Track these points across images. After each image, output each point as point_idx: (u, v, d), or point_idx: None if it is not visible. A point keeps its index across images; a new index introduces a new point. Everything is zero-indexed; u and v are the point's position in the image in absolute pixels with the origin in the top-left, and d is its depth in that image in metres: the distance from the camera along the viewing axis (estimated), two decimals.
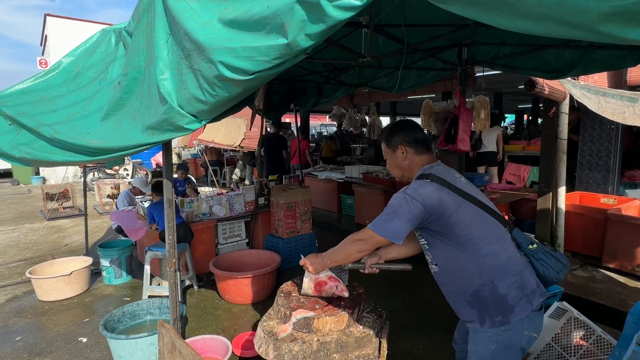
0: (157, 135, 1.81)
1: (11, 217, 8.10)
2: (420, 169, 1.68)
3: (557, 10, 0.65)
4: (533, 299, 1.53)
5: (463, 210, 1.53)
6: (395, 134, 1.76)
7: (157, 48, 1.71)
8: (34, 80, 2.50)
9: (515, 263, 1.56)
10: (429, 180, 1.56)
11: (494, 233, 1.57)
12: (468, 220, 1.53)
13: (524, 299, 1.51)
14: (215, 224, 4.69)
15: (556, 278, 1.61)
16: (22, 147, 2.37)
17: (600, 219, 4.26)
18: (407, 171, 1.76)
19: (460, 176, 1.68)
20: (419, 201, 1.50)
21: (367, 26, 2.59)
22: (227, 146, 9.76)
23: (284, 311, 1.99)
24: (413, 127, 1.76)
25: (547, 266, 1.59)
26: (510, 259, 1.55)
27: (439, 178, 1.56)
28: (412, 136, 1.73)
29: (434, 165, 1.68)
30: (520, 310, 1.50)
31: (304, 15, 1.11)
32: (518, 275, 1.53)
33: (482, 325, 1.56)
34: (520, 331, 1.52)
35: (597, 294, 3.58)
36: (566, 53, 3.21)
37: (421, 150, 1.73)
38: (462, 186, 1.60)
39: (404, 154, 1.73)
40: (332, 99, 5.35)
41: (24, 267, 4.71)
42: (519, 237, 1.65)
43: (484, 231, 1.55)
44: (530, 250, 1.62)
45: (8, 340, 3.23)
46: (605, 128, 5.24)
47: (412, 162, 1.73)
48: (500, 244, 1.56)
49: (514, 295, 1.51)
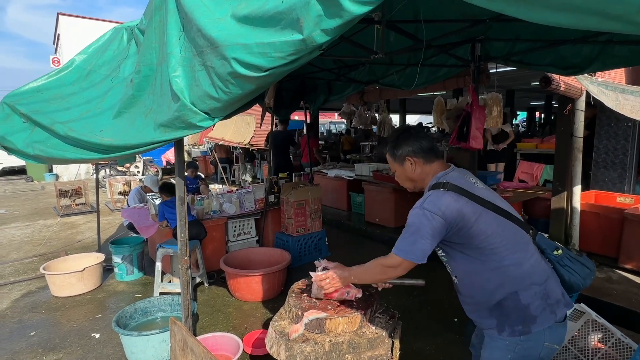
0: (169, 132, 1.80)
1: (25, 213, 8.24)
2: (434, 177, 1.60)
3: (593, 1, 0.62)
4: (557, 309, 1.47)
5: (483, 220, 1.45)
6: (400, 146, 1.66)
7: (170, 45, 1.69)
8: (47, 78, 2.52)
9: (539, 271, 1.49)
10: (445, 189, 1.48)
11: (517, 241, 1.50)
12: (489, 230, 1.46)
13: (548, 309, 1.45)
14: (225, 222, 4.70)
15: (583, 284, 1.55)
16: (36, 145, 2.39)
17: (617, 218, 4.16)
18: (418, 182, 1.68)
19: (476, 180, 1.61)
20: (439, 215, 1.42)
21: (380, 22, 2.55)
22: (237, 143, 9.79)
23: (295, 311, 1.97)
24: (418, 136, 1.66)
25: (573, 272, 1.53)
26: (534, 267, 1.48)
27: (455, 186, 1.48)
28: (419, 146, 1.63)
29: (448, 171, 1.60)
30: (543, 320, 1.44)
31: (320, 10, 1.08)
32: (542, 284, 1.47)
33: (500, 333, 1.50)
34: (540, 342, 1.46)
35: (613, 295, 3.50)
36: (583, 48, 3.13)
37: (431, 158, 1.64)
38: (480, 192, 1.52)
39: (413, 165, 1.64)
40: (342, 97, 5.31)
41: (38, 263, 4.78)
42: (544, 243, 1.57)
43: (506, 240, 1.48)
44: (555, 257, 1.55)
45: (23, 335, 3.28)
46: (622, 125, 5.12)
47: (423, 172, 1.65)
48: (524, 252, 1.49)
49: (537, 305, 1.44)
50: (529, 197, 4.90)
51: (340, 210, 7.19)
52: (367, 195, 6.32)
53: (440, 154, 1.70)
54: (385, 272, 1.60)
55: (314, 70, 4.61)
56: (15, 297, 4.06)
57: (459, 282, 1.61)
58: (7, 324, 3.49)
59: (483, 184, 1.63)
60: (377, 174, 6.17)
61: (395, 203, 5.79)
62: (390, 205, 5.84)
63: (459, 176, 1.57)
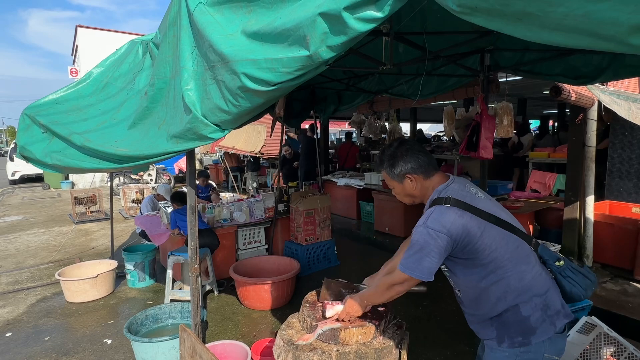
0: (181, 143, 1.86)
1: (42, 220, 8.44)
2: (435, 191, 1.56)
3: (585, 22, 0.64)
4: (557, 320, 1.46)
5: (488, 234, 1.44)
6: (398, 164, 1.60)
7: (183, 59, 1.76)
8: (66, 90, 2.61)
9: (541, 283, 1.48)
10: (448, 205, 1.44)
11: (520, 253, 1.49)
12: (494, 244, 1.44)
13: (547, 321, 1.45)
14: (235, 230, 4.75)
15: (584, 295, 1.54)
16: (54, 155, 2.47)
17: (632, 229, 4.08)
18: (418, 197, 1.66)
19: (477, 190, 1.59)
20: (444, 233, 1.40)
21: (388, 34, 2.59)
22: (248, 152, 9.90)
23: (309, 321, 1.98)
24: (414, 151, 1.60)
25: (574, 283, 1.52)
26: (535, 279, 1.48)
27: (457, 201, 1.45)
28: (418, 162, 1.58)
29: (449, 184, 1.56)
30: (542, 332, 1.44)
31: (326, 27, 1.12)
32: (543, 295, 1.47)
33: (500, 344, 1.49)
34: (540, 353, 1.45)
35: (628, 308, 3.42)
36: (594, 58, 3.11)
37: (430, 172, 1.60)
38: (482, 205, 1.49)
39: (414, 182, 1.60)
40: (352, 106, 5.36)
41: (54, 269, 4.89)
42: (545, 254, 1.57)
43: (510, 253, 1.47)
44: (557, 268, 1.54)
45: (38, 340, 3.36)
46: (636, 135, 5.04)
47: (423, 187, 1.61)
48: (526, 264, 1.49)
49: (537, 316, 1.44)
50: (541, 207, 4.84)
51: (350, 219, 7.19)
52: (376, 204, 6.31)
53: (438, 166, 1.67)
54: (394, 289, 1.58)
55: (324, 80, 4.67)
56: (31, 302, 4.15)
57: (462, 296, 1.61)
58: (23, 328, 3.58)
59: (484, 193, 1.61)
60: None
61: (404, 212, 5.78)
62: (399, 215, 5.82)
63: (460, 188, 1.54)
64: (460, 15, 0.87)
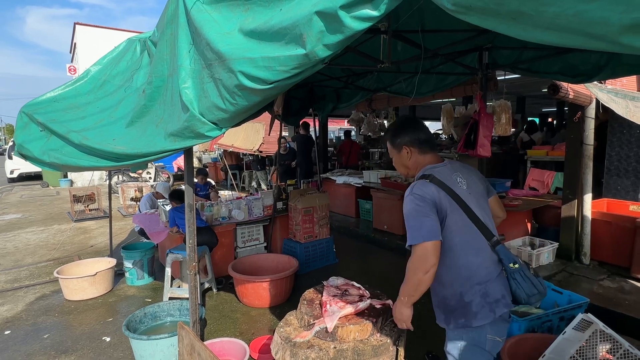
0: (179, 141, 1.86)
1: (41, 218, 8.43)
2: (423, 169, 1.74)
3: (577, 22, 0.65)
4: (496, 308, 1.60)
5: (453, 216, 1.60)
6: (399, 135, 1.80)
7: (180, 57, 1.76)
8: (64, 88, 2.61)
9: (484, 273, 1.63)
10: (428, 181, 1.64)
11: (473, 245, 1.64)
12: (455, 227, 1.60)
13: (487, 307, 1.60)
14: (234, 228, 4.76)
15: (525, 301, 1.64)
16: (51, 153, 2.47)
17: (630, 227, 4.10)
18: (412, 170, 1.82)
19: (462, 180, 1.70)
20: (428, 197, 1.58)
21: (386, 32, 2.59)
22: (246, 150, 9.89)
23: (307, 319, 2.00)
24: (417, 128, 1.79)
25: (519, 287, 1.63)
26: (479, 269, 1.62)
27: (438, 180, 1.63)
28: (416, 137, 1.77)
29: (438, 165, 1.73)
30: (482, 317, 1.60)
31: (322, 26, 1.13)
32: (483, 284, 1.62)
33: (447, 325, 1.70)
34: (483, 335, 1.62)
35: (625, 306, 3.44)
36: (592, 56, 3.12)
37: (425, 150, 1.78)
38: (461, 192, 1.64)
39: (409, 154, 1.79)
40: (351, 104, 5.35)
41: (52, 267, 4.89)
42: (503, 254, 1.66)
43: (465, 241, 1.62)
44: (510, 269, 1.64)
45: (37, 338, 3.36)
46: (634, 133, 5.05)
47: (416, 161, 1.79)
48: (475, 257, 1.63)
49: (477, 302, 1.60)
50: (538, 205, 4.85)
51: (349, 217, 7.20)
52: (375, 202, 6.32)
53: (436, 147, 1.83)
54: (420, 267, 1.55)
55: (323, 78, 4.67)
56: (29, 300, 4.16)
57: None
58: (22, 326, 3.58)
59: (470, 187, 1.72)
60: (386, 181, 6.18)
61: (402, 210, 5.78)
62: (398, 213, 5.83)
63: (448, 172, 1.70)
64: (455, 14, 0.88)
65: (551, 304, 3.24)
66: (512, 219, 4.72)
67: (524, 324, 2.81)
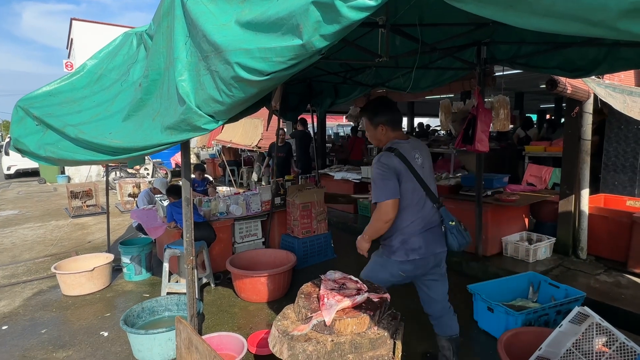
0: (175, 135, 1.85)
1: (38, 214, 8.41)
2: (390, 142, 2.22)
3: (575, 8, 0.64)
4: (410, 254, 2.19)
5: (406, 183, 2.13)
6: (378, 114, 2.25)
7: (176, 50, 1.75)
8: (60, 82, 2.59)
9: (412, 229, 2.18)
10: (393, 153, 2.13)
11: (416, 207, 2.18)
12: (407, 194, 2.14)
13: (402, 250, 2.20)
14: (232, 223, 4.75)
15: (457, 248, 2.22)
16: (47, 147, 2.46)
17: (626, 222, 4.11)
18: (383, 142, 2.29)
19: (419, 157, 2.22)
20: (391, 165, 2.10)
21: (384, 26, 2.58)
22: (245, 146, 9.87)
23: (305, 312, 1.99)
24: (392, 109, 2.27)
25: (454, 239, 2.20)
26: (409, 226, 2.17)
27: (400, 154, 2.13)
28: (391, 117, 2.25)
29: (403, 142, 2.21)
30: (398, 255, 2.21)
31: (319, 16, 1.12)
32: (407, 235, 2.18)
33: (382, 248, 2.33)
34: (395, 265, 2.23)
35: (621, 300, 3.46)
36: (590, 51, 3.12)
37: (396, 127, 2.28)
38: (415, 166, 2.17)
39: (384, 130, 2.26)
40: (349, 99, 5.35)
41: (50, 263, 4.88)
42: (444, 215, 2.23)
43: (409, 205, 2.16)
44: (449, 225, 2.21)
45: (34, 333, 3.36)
46: (632, 128, 5.06)
47: (388, 136, 2.27)
48: (412, 216, 2.17)
49: (398, 246, 2.20)
50: (536, 200, 4.86)
51: (347, 213, 7.20)
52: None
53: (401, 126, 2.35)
54: (381, 218, 2.12)
55: (321, 73, 4.65)
56: (27, 295, 4.15)
57: None
58: (19, 321, 3.58)
59: (422, 162, 2.24)
60: None
61: None
62: None
63: (409, 148, 2.20)
64: (452, 3, 0.87)
65: (548, 298, 3.26)
66: (509, 214, 4.73)
67: (520, 317, 2.83)
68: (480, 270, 4.31)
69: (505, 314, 2.91)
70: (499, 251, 4.63)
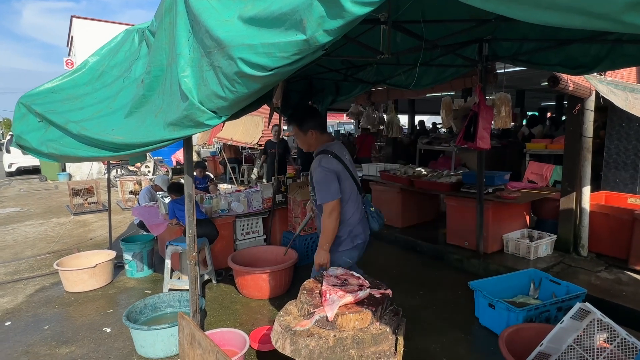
0: (178, 131, 1.86)
1: (40, 211, 8.43)
2: (322, 145, 2.45)
3: (579, 1, 0.64)
4: (355, 240, 2.45)
5: (345, 183, 2.37)
6: (306, 121, 2.45)
7: (179, 46, 1.75)
8: (62, 79, 2.59)
9: (355, 219, 2.44)
10: (330, 156, 2.36)
11: (355, 202, 2.45)
12: (347, 190, 2.39)
13: (349, 240, 2.44)
14: (233, 220, 4.76)
15: (376, 229, 2.55)
16: (50, 143, 2.46)
17: (627, 219, 4.11)
18: (313, 146, 2.50)
19: (346, 154, 2.47)
20: (332, 169, 2.32)
21: (386, 22, 2.58)
22: (245, 144, 9.87)
23: (307, 308, 2.00)
24: (318, 114, 2.53)
25: (374, 221, 2.53)
26: (353, 216, 2.44)
27: (336, 155, 2.37)
28: (318, 122, 2.47)
29: (333, 144, 2.46)
30: (345, 245, 2.44)
31: (323, 11, 1.12)
32: (351, 225, 2.43)
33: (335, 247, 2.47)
34: (341, 256, 2.43)
35: (622, 297, 3.47)
36: (592, 48, 3.11)
37: (324, 131, 2.51)
38: (348, 164, 2.42)
39: (313, 135, 2.46)
40: (350, 97, 5.34)
41: (52, 260, 4.90)
42: (366, 202, 2.54)
43: (352, 200, 2.42)
44: (370, 211, 2.53)
45: (37, 329, 3.38)
46: (633, 126, 5.05)
47: (317, 140, 2.48)
48: (353, 209, 2.44)
49: (345, 237, 2.43)
50: (537, 198, 4.87)
51: None
52: (374, 195, 6.32)
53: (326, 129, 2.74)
54: (330, 219, 2.31)
55: (322, 70, 4.65)
56: (29, 292, 4.17)
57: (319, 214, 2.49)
58: (22, 317, 3.59)
59: (350, 159, 2.49)
60: (385, 174, 6.18)
61: (402, 203, 5.79)
62: (397, 205, 5.84)
63: (340, 149, 2.44)
64: None
65: (549, 295, 3.27)
66: (510, 211, 4.74)
67: (522, 314, 2.83)
68: (481, 267, 4.32)
69: (507, 311, 2.92)
70: (500, 248, 4.64)
